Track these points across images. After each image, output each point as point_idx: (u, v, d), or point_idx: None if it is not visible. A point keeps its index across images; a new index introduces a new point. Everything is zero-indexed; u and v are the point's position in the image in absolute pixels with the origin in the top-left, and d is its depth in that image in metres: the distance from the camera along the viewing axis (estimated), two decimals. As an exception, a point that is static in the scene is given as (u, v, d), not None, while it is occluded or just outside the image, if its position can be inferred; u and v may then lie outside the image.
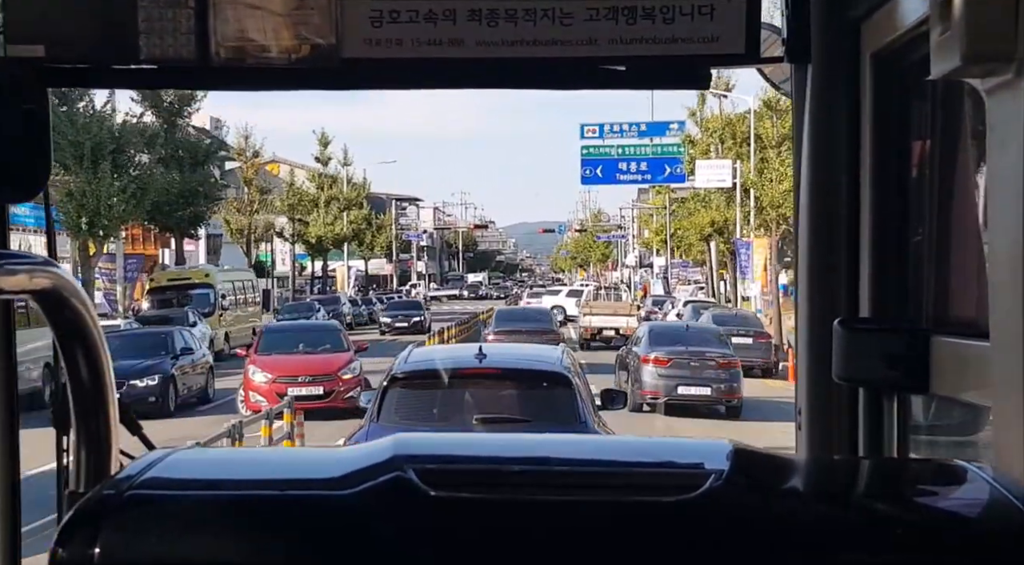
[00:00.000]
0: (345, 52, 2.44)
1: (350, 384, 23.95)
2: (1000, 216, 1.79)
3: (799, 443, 2.58)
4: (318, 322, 35.95)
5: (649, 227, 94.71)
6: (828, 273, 2.53)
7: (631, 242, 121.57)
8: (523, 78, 2.57)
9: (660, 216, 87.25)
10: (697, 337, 26.84)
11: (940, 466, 2.02)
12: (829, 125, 2.50)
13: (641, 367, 25.25)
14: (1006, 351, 1.74)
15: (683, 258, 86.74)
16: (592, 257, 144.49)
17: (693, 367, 24.87)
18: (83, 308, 1.94)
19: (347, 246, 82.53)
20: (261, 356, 24.92)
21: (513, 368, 11.00)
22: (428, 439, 2.60)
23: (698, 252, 79.52)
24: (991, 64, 1.71)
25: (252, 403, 23.11)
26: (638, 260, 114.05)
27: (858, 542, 1.52)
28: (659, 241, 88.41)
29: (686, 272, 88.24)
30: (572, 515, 1.56)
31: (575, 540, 1.52)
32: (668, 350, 25.13)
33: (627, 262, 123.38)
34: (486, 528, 1.53)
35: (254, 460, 2.09)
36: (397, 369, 10.68)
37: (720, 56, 2.48)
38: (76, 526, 1.52)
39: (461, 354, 12.09)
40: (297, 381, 23.80)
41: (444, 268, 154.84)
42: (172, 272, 47.12)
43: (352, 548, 1.50)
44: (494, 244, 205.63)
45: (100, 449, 2.04)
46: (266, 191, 57.74)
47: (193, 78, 2.74)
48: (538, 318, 37.89)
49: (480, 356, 10.74)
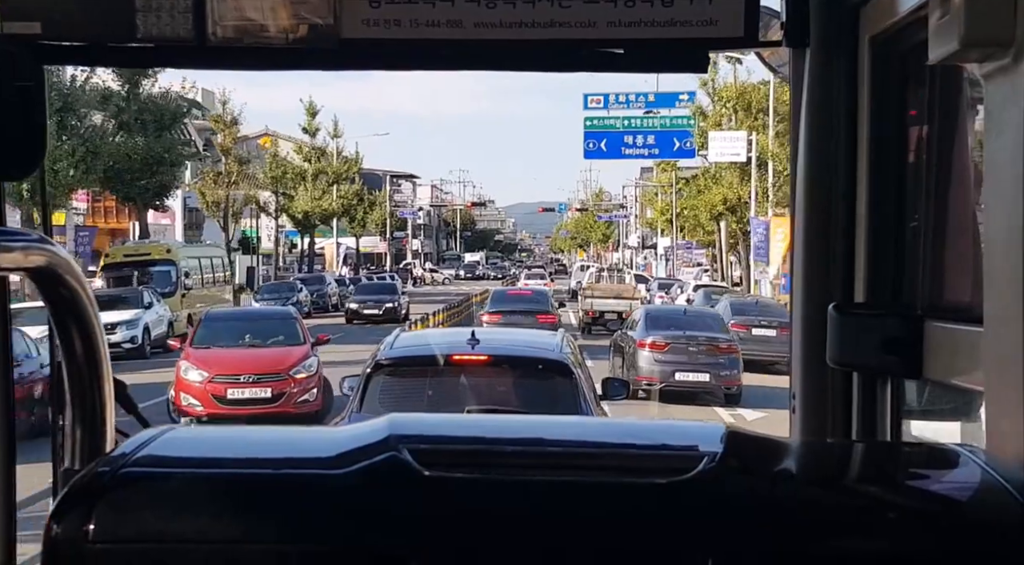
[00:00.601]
0: (343, 32, 2.44)
1: (305, 385, 19.89)
2: (996, 201, 1.81)
3: (793, 426, 2.61)
4: (269, 309, 30.25)
5: (654, 206, 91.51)
6: (823, 258, 2.54)
7: (633, 222, 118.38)
8: (521, 60, 2.59)
9: (666, 195, 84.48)
10: (696, 321, 25.78)
11: (932, 450, 2.10)
12: (827, 109, 2.52)
13: (637, 352, 24.26)
14: (999, 336, 1.78)
15: (688, 239, 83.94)
16: (592, 237, 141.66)
17: (691, 352, 23.97)
18: (78, 286, 1.93)
19: (336, 222, 78.30)
20: (197, 350, 20.34)
21: (509, 355, 9.98)
22: (422, 419, 2.55)
23: (706, 232, 76.87)
24: (989, 49, 1.74)
25: (184, 406, 18.82)
26: (641, 241, 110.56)
27: (851, 525, 1.55)
28: (664, 221, 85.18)
29: (690, 254, 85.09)
30: (565, 496, 1.58)
31: (568, 520, 1.54)
32: (665, 334, 24.25)
33: (629, 243, 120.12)
34: (480, 508, 1.55)
35: (249, 439, 2.05)
36: (382, 355, 9.78)
37: (719, 40, 2.46)
38: (71, 503, 1.54)
39: (452, 339, 10.66)
40: (239, 381, 19.54)
41: (441, 247, 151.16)
42: (129, 247, 42.62)
43: (346, 527, 1.53)
44: (493, 223, 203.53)
45: (95, 427, 2.05)
46: (245, 161, 52.99)
47: (190, 57, 2.65)
48: (536, 299, 36.61)
49: (472, 341, 9.72)
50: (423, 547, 1.53)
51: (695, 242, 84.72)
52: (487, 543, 1.53)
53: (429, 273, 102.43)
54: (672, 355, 23.90)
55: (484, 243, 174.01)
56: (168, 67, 3.76)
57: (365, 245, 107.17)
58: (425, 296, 67.44)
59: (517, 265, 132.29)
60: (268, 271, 71.77)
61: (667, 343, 23.97)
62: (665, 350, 23.94)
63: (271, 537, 1.53)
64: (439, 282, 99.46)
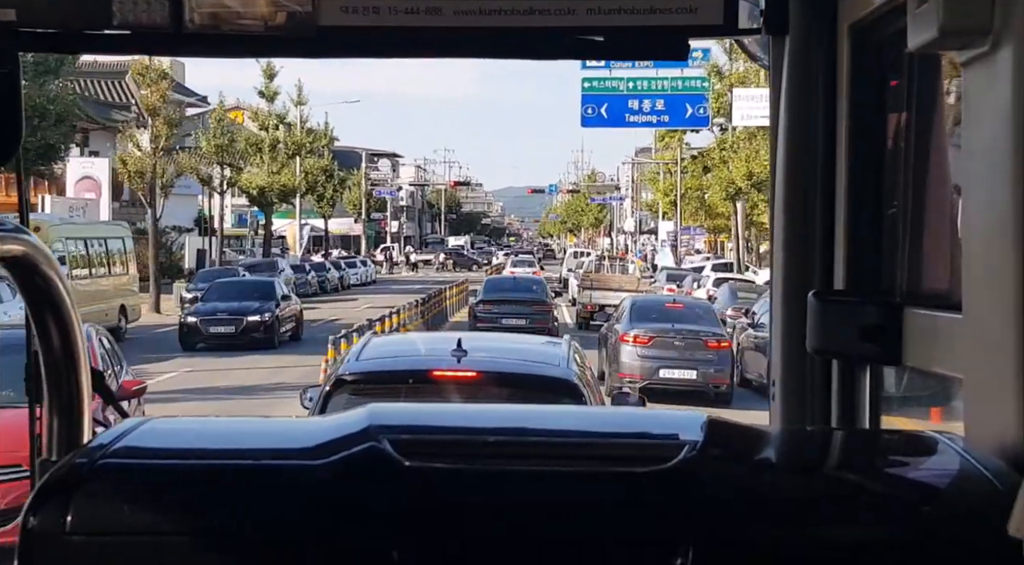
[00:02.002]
0: (322, 20, 2.41)
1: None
2: (974, 188, 1.83)
3: (773, 414, 2.60)
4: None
5: (654, 187, 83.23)
6: (803, 245, 2.54)
7: (629, 206, 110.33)
8: (501, 47, 2.58)
9: (670, 174, 76.39)
10: (686, 313, 24.30)
11: (911, 437, 2.06)
12: (806, 97, 2.52)
13: (619, 346, 22.71)
14: (978, 323, 1.79)
15: (692, 223, 76.16)
16: (584, 221, 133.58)
17: (678, 347, 22.44)
18: (55, 276, 1.93)
19: (300, 200, 69.27)
20: None
21: (503, 372, 7.71)
22: (403, 409, 2.46)
23: (713, 216, 69.45)
24: (968, 37, 1.75)
25: None
26: (638, 224, 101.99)
27: (830, 512, 1.58)
28: (668, 203, 76.88)
29: (692, 239, 77.02)
30: (546, 485, 1.59)
31: (549, 510, 1.55)
32: (651, 327, 22.77)
33: (624, 227, 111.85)
34: (461, 498, 1.55)
35: (228, 430, 2.04)
36: (346, 368, 7.74)
37: (698, 27, 2.46)
38: (48, 494, 1.54)
39: (433, 349, 8.29)
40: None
41: (424, 230, 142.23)
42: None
43: (326, 517, 1.52)
44: (479, 206, 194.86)
45: (72, 418, 2.04)
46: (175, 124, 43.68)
47: (167, 44, 2.61)
48: (530, 288, 34.59)
49: (458, 353, 7.47)
50: (404, 538, 1.52)
51: (699, 227, 77.27)
52: (468, 533, 1.52)
53: (406, 258, 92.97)
54: (657, 350, 22.38)
55: (471, 226, 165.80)
56: (145, 54, 3.25)
57: (336, 227, 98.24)
58: (397, 286, 59.24)
59: (504, 250, 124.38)
60: (231, 255, 63.40)
61: (651, 337, 22.46)
62: (649, 344, 22.40)
63: (249, 528, 1.52)
64: (417, 267, 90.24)
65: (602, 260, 51.09)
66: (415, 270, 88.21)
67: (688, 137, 68.58)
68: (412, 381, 7.53)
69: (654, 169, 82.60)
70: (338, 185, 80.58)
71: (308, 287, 55.77)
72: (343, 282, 64.10)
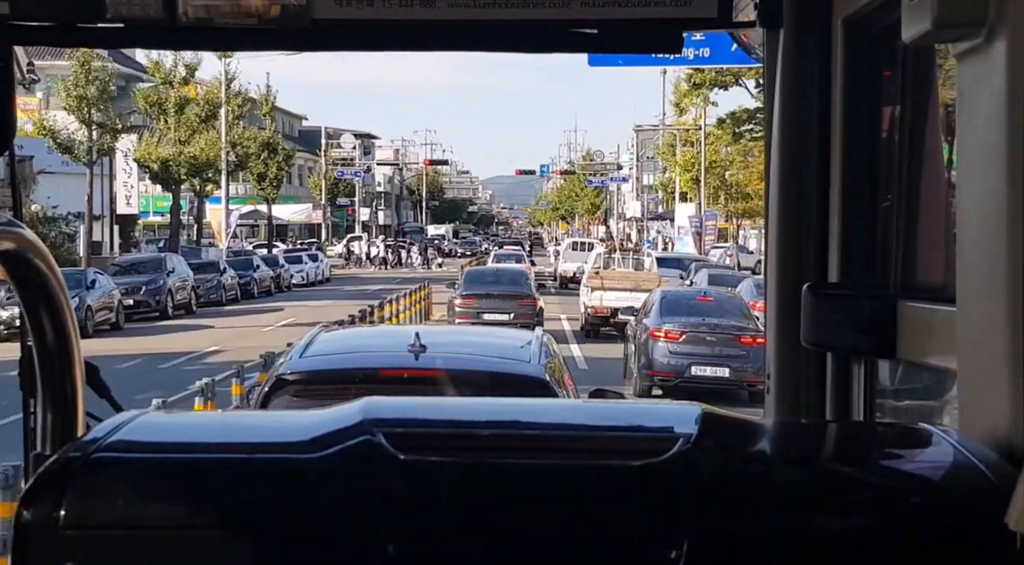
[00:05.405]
0: (315, 13, 2.40)
1: None
2: (968, 180, 1.82)
3: (767, 407, 2.61)
4: None
5: (669, 162, 68.68)
6: (797, 238, 2.55)
7: (632, 188, 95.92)
8: (495, 41, 2.57)
9: (691, 146, 62.07)
10: (718, 307, 22.81)
11: (906, 430, 2.05)
12: (801, 90, 2.53)
13: (650, 342, 21.33)
14: (972, 316, 1.79)
15: (712, 206, 61.93)
16: (579, 207, 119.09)
17: (710, 342, 21.20)
18: (48, 270, 1.93)
19: (226, 177, 54.50)
20: None
21: (465, 370, 6.65)
22: (397, 403, 2.49)
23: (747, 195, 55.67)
24: (962, 29, 1.75)
25: None
26: (644, 209, 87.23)
27: (825, 504, 1.58)
28: (688, 181, 62.38)
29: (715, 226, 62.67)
30: (540, 478, 1.59)
31: (543, 503, 1.56)
32: (682, 322, 21.54)
33: (627, 212, 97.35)
34: (455, 492, 1.56)
35: (222, 423, 2.04)
36: (287, 367, 6.72)
37: (692, 20, 2.45)
38: (41, 488, 1.54)
39: (388, 344, 7.49)
40: None
41: (402, 218, 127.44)
42: None
43: (320, 511, 1.52)
44: (464, 192, 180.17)
45: (66, 411, 2.04)
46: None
47: (161, 38, 2.62)
48: (513, 281, 32.01)
49: (416, 349, 6.59)
50: (399, 531, 1.52)
51: (716, 211, 63.01)
52: (463, 527, 1.53)
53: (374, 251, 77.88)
54: (688, 346, 21.15)
55: (455, 214, 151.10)
56: (139, 47, 3.30)
57: (286, 214, 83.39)
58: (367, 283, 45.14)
59: (491, 239, 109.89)
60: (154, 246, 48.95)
61: (683, 332, 21.19)
62: (681, 340, 21.17)
63: (244, 522, 1.53)
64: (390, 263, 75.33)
65: (612, 253, 37.07)
66: (385, 266, 73.24)
67: (715, 95, 54.30)
68: (362, 381, 6.36)
69: (669, 139, 67.99)
70: (283, 162, 65.91)
71: (223, 292, 42.27)
72: (279, 283, 49.65)
